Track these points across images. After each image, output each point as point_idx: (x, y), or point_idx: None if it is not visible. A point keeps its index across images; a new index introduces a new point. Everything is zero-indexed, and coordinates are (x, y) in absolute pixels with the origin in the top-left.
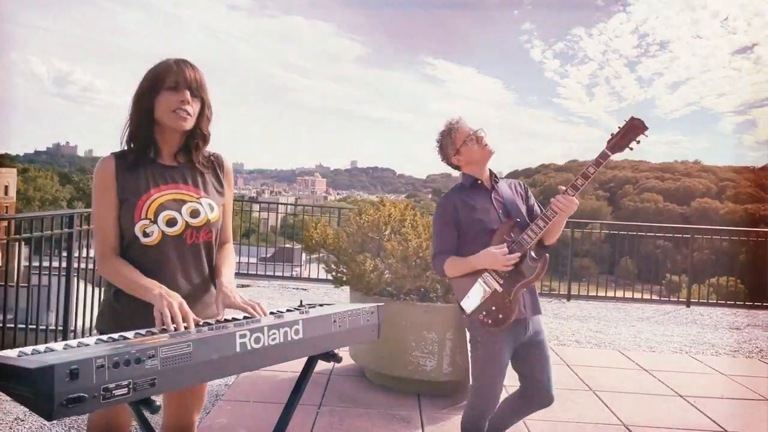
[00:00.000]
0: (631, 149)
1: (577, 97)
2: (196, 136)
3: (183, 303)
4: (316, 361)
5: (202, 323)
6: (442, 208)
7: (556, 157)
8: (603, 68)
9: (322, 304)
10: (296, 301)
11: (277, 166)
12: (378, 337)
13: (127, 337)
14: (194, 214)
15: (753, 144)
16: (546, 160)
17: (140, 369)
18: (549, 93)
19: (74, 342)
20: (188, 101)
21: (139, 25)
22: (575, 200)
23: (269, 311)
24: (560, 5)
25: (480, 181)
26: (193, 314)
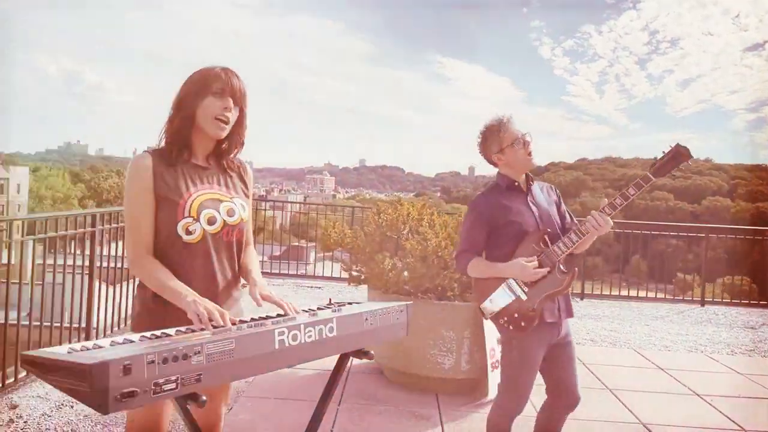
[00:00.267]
0: (674, 177)
1: (586, 94)
2: (234, 142)
3: (216, 306)
4: (349, 359)
5: (238, 321)
6: (477, 207)
7: (565, 155)
8: (613, 66)
9: (351, 303)
10: (311, 299)
11: (285, 164)
12: (407, 334)
13: (169, 334)
14: (230, 213)
15: (765, 141)
16: (555, 158)
17: (187, 365)
18: (558, 91)
19: (119, 338)
20: (230, 109)
21: (146, 24)
22: (611, 221)
23: (301, 309)
24: (570, 3)
25: (517, 183)
26: (228, 313)
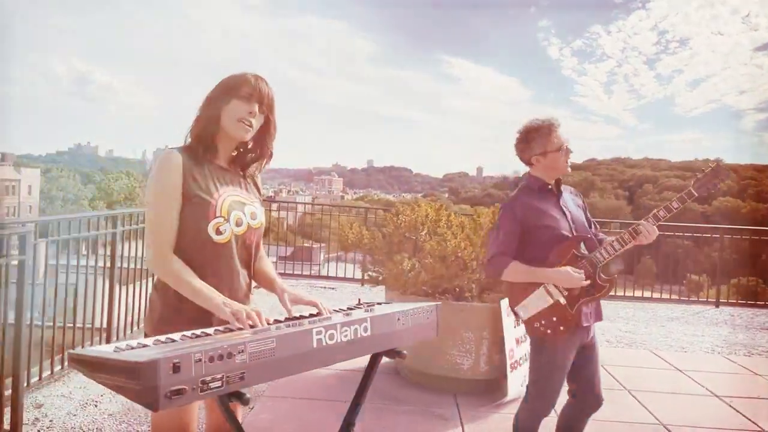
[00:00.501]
0: (712, 192)
1: (594, 94)
2: (263, 152)
3: (246, 306)
4: (381, 358)
5: (273, 321)
6: (511, 209)
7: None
8: (621, 66)
9: (380, 303)
10: (326, 300)
11: (293, 165)
12: (437, 335)
13: (209, 333)
14: (253, 216)
15: None
16: None
17: (231, 363)
18: (566, 91)
19: (162, 338)
20: (255, 114)
21: (156, 25)
22: (656, 230)
23: (333, 309)
24: (578, 3)
25: (550, 186)
26: (263, 313)
